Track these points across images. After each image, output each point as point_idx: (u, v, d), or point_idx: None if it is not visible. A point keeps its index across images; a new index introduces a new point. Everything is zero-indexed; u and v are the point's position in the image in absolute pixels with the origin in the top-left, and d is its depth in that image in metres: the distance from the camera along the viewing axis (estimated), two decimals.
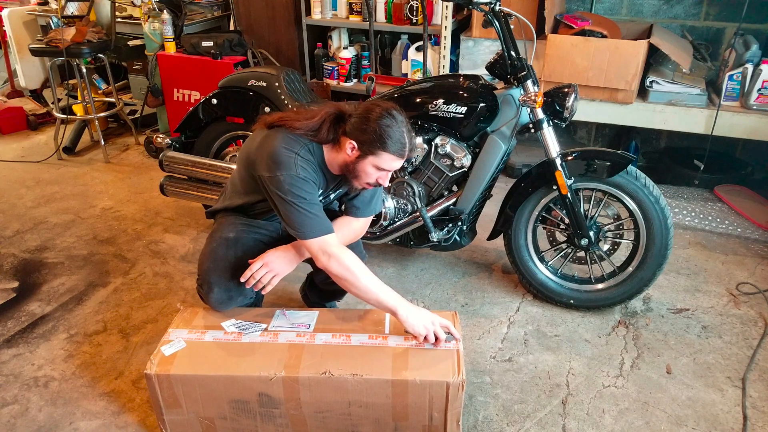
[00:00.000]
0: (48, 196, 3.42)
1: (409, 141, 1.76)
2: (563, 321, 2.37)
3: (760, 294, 2.51)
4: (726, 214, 3.12)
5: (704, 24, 3.42)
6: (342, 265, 1.73)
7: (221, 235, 1.95)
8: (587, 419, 1.91)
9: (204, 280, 1.90)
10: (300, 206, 1.71)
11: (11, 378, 2.10)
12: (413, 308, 1.76)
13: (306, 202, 1.72)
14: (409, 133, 1.76)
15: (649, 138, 3.76)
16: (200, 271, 1.93)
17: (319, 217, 1.74)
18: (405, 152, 1.76)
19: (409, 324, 1.74)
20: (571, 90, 2.17)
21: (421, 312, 1.76)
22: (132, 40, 4.10)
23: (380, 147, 1.71)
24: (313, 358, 1.70)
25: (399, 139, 1.73)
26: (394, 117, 1.73)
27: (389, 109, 1.74)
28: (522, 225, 2.39)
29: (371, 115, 1.72)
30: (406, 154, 1.77)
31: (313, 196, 1.75)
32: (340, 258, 1.73)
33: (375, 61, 3.80)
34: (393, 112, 1.74)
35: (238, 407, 1.72)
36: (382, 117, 1.72)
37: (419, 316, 1.75)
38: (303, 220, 1.72)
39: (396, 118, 1.73)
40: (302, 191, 1.72)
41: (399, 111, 1.76)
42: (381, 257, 2.78)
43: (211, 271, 1.88)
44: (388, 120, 1.72)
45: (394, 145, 1.72)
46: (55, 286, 2.61)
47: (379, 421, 1.72)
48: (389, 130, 1.71)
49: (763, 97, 2.93)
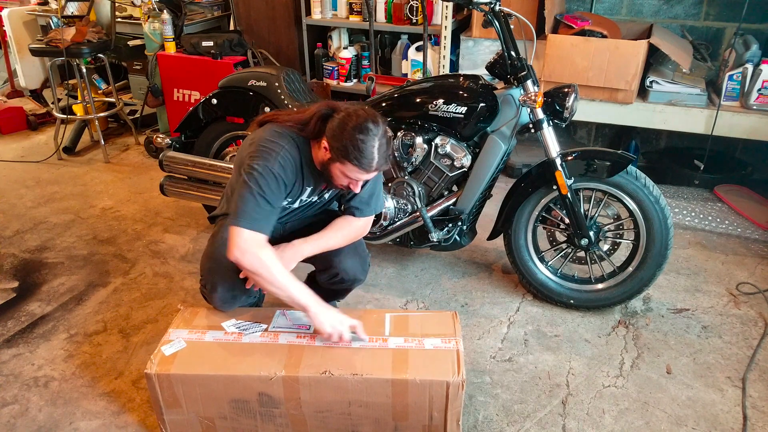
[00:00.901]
0: (48, 196, 3.42)
1: (379, 157, 1.70)
2: (563, 321, 2.37)
3: (760, 294, 2.51)
4: (726, 214, 3.12)
5: (704, 24, 3.42)
6: (258, 260, 1.69)
7: (223, 236, 1.94)
8: (587, 419, 1.91)
9: (207, 280, 1.90)
10: (255, 195, 1.70)
11: (11, 378, 2.10)
12: (323, 308, 1.74)
13: (263, 195, 1.71)
14: (382, 148, 1.70)
15: (649, 138, 3.76)
16: (203, 271, 1.93)
17: (262, 215, 1.72)
18: (372, 167, 1.71)
19: (317, 322, 1.73)
20: (571, 90, 2.17)
21: (330, 312, 1.74)
22: (132, 40, 4.10)
23: (346, 157, 1.68)
24: (314, 359, 1.70)
25: (367, 154, 1.68)
26: (368, 131, 1.67)
27: (367, 121, 1.68)
28: (522, 225, 2.39)
29: (348, 122, 1.68)
30: (374, 169, 1.72)
31: (273, 196, 1.73)
32: (256, 254, 1.69)
33: (375, 61, 3.80)
34: (370, 125, 1.68)
35: (238, 407, 1.72)
36: (357, 129, 1.67)
37: (327, 315, 1.73)
38: (246, 208, 1.70)
39: (370, 132, 1.67)
40: (267, 185, 1.71)
41: (379, 123, 1.70)
42: (381, 257, 2.78)
43: (215, 272, 1.88)
44: (362, 134, 1.67)
45: (360, 159, 1.68)
46: (55, 286, 2.61)
47: (379, 421, 1.72)
48: (360, 144, 1.66)
49: (763, 97, 2.93)
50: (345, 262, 1.98)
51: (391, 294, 2.54)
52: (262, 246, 1.71)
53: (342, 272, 1.99)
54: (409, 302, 2.50)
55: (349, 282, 2.05)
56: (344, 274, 2.00)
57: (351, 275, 2.01)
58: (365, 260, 2.05)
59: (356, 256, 2.01)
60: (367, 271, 2.07)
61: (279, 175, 1.73)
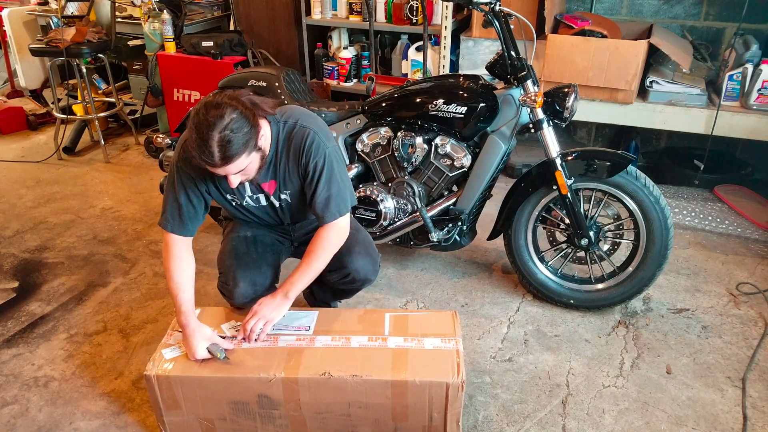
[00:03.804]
0: (48, 196, 3.42)
1: (221, 151, 1.52)
2: (563, 321, 2.36)
3: (760, 294, 2.51)
4: (726, 214, 3.12)
5: (704, 24, 3.41)
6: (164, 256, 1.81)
7: (239, 234, 1.98)
8: (587, 419, 1.91)
9: (229, 276, 1.90)
10: (167, 190, 1.80)
11: (11, 378, 2.10)
12: (192, 331, 1.71)
13: (171, 188, 1.78)
14: (224, 141, 1.52)
15: (649, 138, 3.76)
16: (223, 268, 1.94)
17: (171, 209, 1.78)
18: (216, 163, 1.56)
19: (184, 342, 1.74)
20: (571, 90, 2.17)
21: (196, 338, 1.71)
22: (132, 40, 4.10)
23: (192, 152, 1.58)
24: (313, 360, 1.70)
25: (206, 151, 1.53)
26: (203, 127, 1.52)
27: (206, 114, 1.52)
28: (522, 225, 2.39)
29: (192, 117, 1.56)
30: (219, 165, 1.56)
31: (180, 187, 1.76)
32: (165, 251, 1.81)
33: (375, 61, 3.80)
34: (206, 119, 1.51)
35: (238, 408, 1.72)
36: (194, 125, 1.54)
37: (193, 342, 1.71)
38: (167, 206, 1.80)
39: (207, 128, 1.51)
40: (178, 177, 1.76)
41: (213, 115, 1.51)
42: (381, 257, 2.77)
43: (236, 267, 1.90)
44: (198, 131, 1.52)
45: (200, 156, 1.55)
46: (55, 286, 2.61)
47: (379, 422, 1.72)
48: (196, 140, 1.54)
49: (763, 97, 2.93)
50: (356, 262, 1.94)
51: (391, 294, 2.54)
52: (173, 244, 1.80)
53: (353, 272, 1.96)
54: (409, 302, 2.50)
55: (360, 282, 2.01)
56: (355, 274, 1.96)
57: (362, 275, 1.98)
58: (376, 261, 2.01)
59: (367, 256, 1.98)
60: (377, 272, 2.03)
61: (180, 168, 1.77)
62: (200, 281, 2.62)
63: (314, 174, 1.77)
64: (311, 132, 1.77)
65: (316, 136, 1.77)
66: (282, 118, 1.78)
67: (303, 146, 1.76)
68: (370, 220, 2.46)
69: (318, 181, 1.78)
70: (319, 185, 1.78)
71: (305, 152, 1.76)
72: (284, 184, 1.86)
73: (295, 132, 1.77)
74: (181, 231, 1.79)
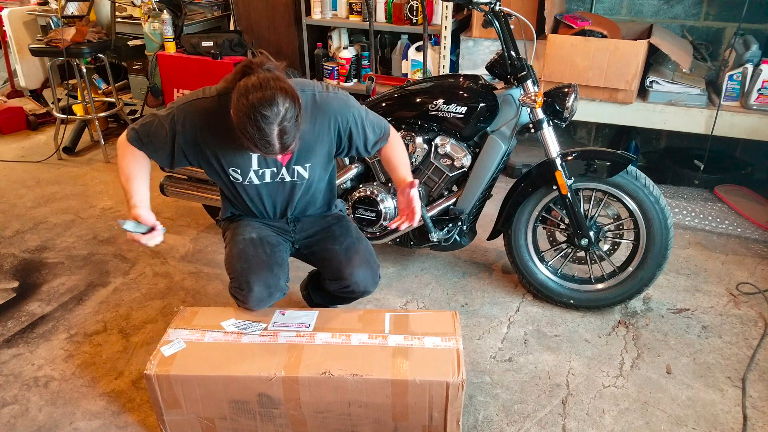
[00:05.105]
0: (48, 196, 3.42)
1: (281, 143, 1.56)
2: (563, 321, 2.37)
3: (760, 294, 2.51)
4: (726, 214, 3.12)
5: (704, 24, 3.42)
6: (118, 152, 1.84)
7: (244, 237, 1.93)
8: (587, 419, 1.91)
9: (242, 280, 1.85)
10: (149, 118, 1.83)
11: (11, 378, 2.10)
12: (142, 209, 1.76)
13: (164, 127, 1.77)
14: (284, 132, 1.55)
15: (649, 138, 3.76)
16: (234, 273, 1.89)
17: (152, 141, 1.80)
18: (274, 152, 1.60)
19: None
20: (571, 90, 2.17)
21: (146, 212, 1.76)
22: (132, 40, 4.10)
23: (244, 135, 1.57)
24: (313, 358, 1.70)
25: (263, 142, 1.56)
26: (265, 118, 1.51)
27: (264, 104, 1.51)
28: (522, 225, 2.39)
29: (247, 98, 1.53)
30: (275, 153, 1.61)
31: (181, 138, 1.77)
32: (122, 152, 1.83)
33: (375, 61, 3.80)
34: (266, 111, 1.51)
35: (238, 407, 1.72)
36: (253, 110, 1.51)
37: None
38: (146, 126, 1.82)
39: (267, 119, 1.51)
40: (162, 121, 1.77)
41: (278, 103, 1.51)
42: (381, 257, 2.78)
43: (248, 271, 1.86)
44: (258, 119, 1.52)
45: (258, 144, 1.57)
46: (55, 286, 2.61)
47: (379, 421, 1.72)
48: (254, 129, 1.53)
49: (763, 97, 2.93)
50: (357, 275, 1.93)
51: (391, 294, 2.54)
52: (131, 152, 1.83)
53: (353, 285, 1.95)
54: (409, 302, 2.50)
55: (360, 293, 2.01)
56: (355, 286, 1.96)
57: (362, 287, 1.97)
58: (376, 272, 2.00)
59: (368, 267, 1.96)
60: (377, 283, 2.02)
61: (178, 120, 1.76)
62: (200, 281, 2.62)
63: (357, 122, 1.88)
64: (334, 94, 1.88)
65: (337, 96, 1.89)
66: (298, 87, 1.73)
67: (334, 108, 1.85)
68: (370, 220, 2.46)
69: (364, 124, 1.90)
70: (366, 127, 1.90)
71: (340, 111, 1.85)
72: (305, 154, 1.84)
73: (318, 99, 1.84)
74: (146, 152, 1.82)
